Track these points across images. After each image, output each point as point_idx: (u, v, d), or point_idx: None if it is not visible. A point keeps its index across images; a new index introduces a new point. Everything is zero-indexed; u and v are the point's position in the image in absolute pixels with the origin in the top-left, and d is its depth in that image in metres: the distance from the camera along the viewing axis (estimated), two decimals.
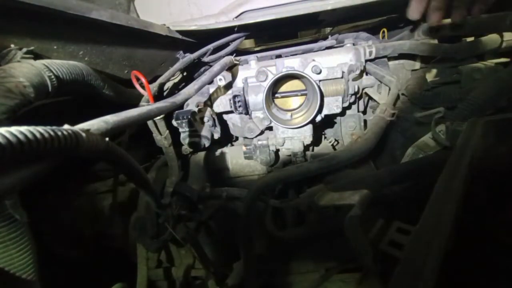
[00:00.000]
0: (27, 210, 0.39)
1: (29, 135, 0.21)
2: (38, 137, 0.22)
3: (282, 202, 0.70)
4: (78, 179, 0.98)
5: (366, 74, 0.85)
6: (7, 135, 0.20)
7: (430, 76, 0.86)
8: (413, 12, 0.66)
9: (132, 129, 0.92)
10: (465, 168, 0.31)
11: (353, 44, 0.89)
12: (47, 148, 0.22)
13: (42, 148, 0.22)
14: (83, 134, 0.27)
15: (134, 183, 0.45)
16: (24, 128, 0.21)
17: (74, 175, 0.96)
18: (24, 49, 0.47)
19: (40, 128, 0.22)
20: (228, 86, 0.83)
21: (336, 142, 0.92)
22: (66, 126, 0.27)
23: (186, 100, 0.78)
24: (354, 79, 0.81)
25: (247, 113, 0.80)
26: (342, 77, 0.76)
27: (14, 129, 0.21)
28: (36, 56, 0.49)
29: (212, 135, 0.84)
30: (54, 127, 0.24)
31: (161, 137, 0.73)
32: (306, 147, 0.81)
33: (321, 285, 0.73)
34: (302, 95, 0.78)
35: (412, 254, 0.21)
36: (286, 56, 0.92)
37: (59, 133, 0.24)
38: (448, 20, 0.80)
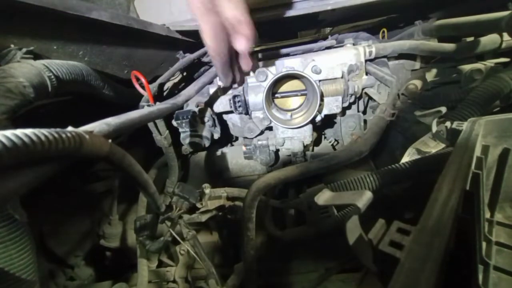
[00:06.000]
0: (27, 210, 0.39)
1: (34, 138, 0.21)
2: (43, 139, 0.22)
3: (282, 202, 0.70)
4: (78, 179, 0.98)
5: (366, 74, 0.85)
6: (13, 137, 0.20)
7: (430, 76, 0.86)
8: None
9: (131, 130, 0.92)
10: (465, 168, 0.31)
11: (353, 44, 0.89)
12: (51, 150, 0.22)
13: (46, 150, 0.22)
14: (87, 136, 0.27)
15: (136, 184, 0.45)
16: (29, 131, 0.21)
17: (74, 175, 0.96)
18: (24, 49, 0.47)
19: (45, 131, 0.23)
20: (228, 86, 0.83)
21: (336, 142, 0.92)
22: (70, 128, 0.27)
23: (187, 100, 0.79)
24: (354, 79, 0.81)
25: (247, 113, 0.80)
26: (342, 77, 0.76)
27: (19, 131, 0.21)
28: (36, 56, 0.49)
29: (212, 135, 0.84)
30: (58, 129, 0.24)
31: (161, 137, 0.73)
32: (306, 147, 0.81)
33: (321, 285, 0.73)
34: (302, 95, 0.78)
35: (412, 254, 0.21)
36: (286, 56, 0.92)
37: (63, 135, 0.24)
38: (448, 20, 0.80)
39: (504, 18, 0.65)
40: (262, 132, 0.83)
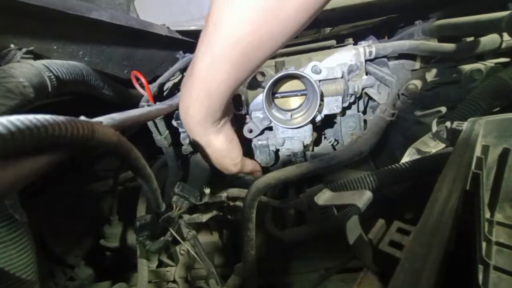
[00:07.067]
0: (27, 210, 0.39)
1: (51, 121, 0.22)
2: (60, 123, 0.23)
3: (282, 202, 0.70)
4: (78, 179, 0.98)
5: (366, 74, 0.85)
6: (34, 120, 0.21)
7: (430, 76, 0.86)
8: None
9: (131, 129, 0.92)
10: (465, 168, 0.31)
11: (353, 44, 0.89)
12: (66, 136, 0.24)
13: (62, 135, 0.23)
14: (98, 126, 0.28)
15: (140, 178, 0.45)
16: (47, 116, 0.23)
17: (74, 175, 0.96)
18: (24, 49, 0.47)
19: (61, 117, 0.24)
20: None
21: (336, 142, 0.92)
22: (82, 117, 0.28)
23: None
24: (354, 79, 0.81)
25: (247, 113, 0.80)
26: (342, 77, 0.76)
27: (39, 116, 0.22)
28: (36, 56, 0.49)
29: None
30: (73, 118, 0.26)
31: (161, 137, 0.73)
32: (306, 147, 0.81)
33: (321, 285, 0.72)
34: (302, 95, 0.78)
35: (412, 254, 0.21)
36: (286, 56, 0.92)
37: (78, 123, 0.25)
38: (448, 20, 0.80)
39: (504, 18, 0.65)
40: (262, 132, 0.82)
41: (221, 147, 0.61)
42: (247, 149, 0.82)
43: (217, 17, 0.42)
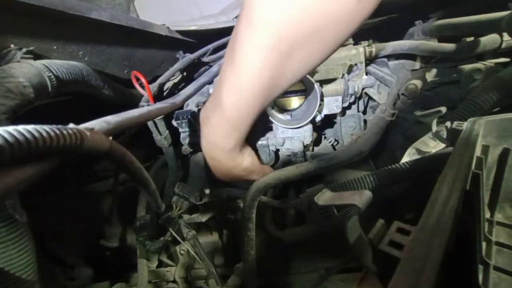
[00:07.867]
0: (27, 210, 0.39)
1: (36, 134, 0.22)
2: (44, 135, 0.22)
3: (282, 202, 0.70)
4: (78, 179, 0.98)
5: (366, 74, 0.85)
6: (15, 133, 0.20)
7: (430, 76, 0.86)
8: None
9: (132, 129, 0.92)
10: (465, 168, 0.31)
11: (353, 44, 0.89)
12: (52, 146, 0.23)
13: (48, 146, 0.22)
14: (88, 133, 0.28)
15: (136, 182, 0.45)
16: (31, 127, 0.22)
17: (74, 175, 0.96)
18: (24, 49, 0.47)
19: (46, 127, 0.23)
20: None
21: (336, 142, 0.92)
22: (71, 125, 0.27)
23: (186, 100, 0.79)
24: (354, 79, 0.81)
25: None
26: (342, 77, 0.76)
27: (21, 127, 0.21)
28: (36, 56, 0.49)
29: None
30: (59, 126, 0.25)
31: (161, 137, 0.73)
32: (306, 147, 0.81)
33: (321, 285, 0.72)
34: (302, 95, 0.78)
35: (412, 254, 0.21)
36: None
37: (64, 132, 0.24)
38: (448, 20, 0.80)
39: (504, 18, 0.65)
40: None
41: (248, 164, 0.65)
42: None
43: (239, 51, 0.42)
